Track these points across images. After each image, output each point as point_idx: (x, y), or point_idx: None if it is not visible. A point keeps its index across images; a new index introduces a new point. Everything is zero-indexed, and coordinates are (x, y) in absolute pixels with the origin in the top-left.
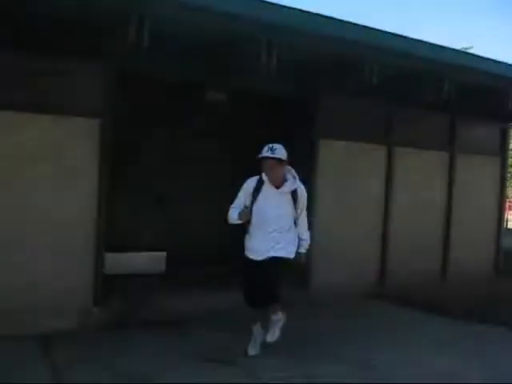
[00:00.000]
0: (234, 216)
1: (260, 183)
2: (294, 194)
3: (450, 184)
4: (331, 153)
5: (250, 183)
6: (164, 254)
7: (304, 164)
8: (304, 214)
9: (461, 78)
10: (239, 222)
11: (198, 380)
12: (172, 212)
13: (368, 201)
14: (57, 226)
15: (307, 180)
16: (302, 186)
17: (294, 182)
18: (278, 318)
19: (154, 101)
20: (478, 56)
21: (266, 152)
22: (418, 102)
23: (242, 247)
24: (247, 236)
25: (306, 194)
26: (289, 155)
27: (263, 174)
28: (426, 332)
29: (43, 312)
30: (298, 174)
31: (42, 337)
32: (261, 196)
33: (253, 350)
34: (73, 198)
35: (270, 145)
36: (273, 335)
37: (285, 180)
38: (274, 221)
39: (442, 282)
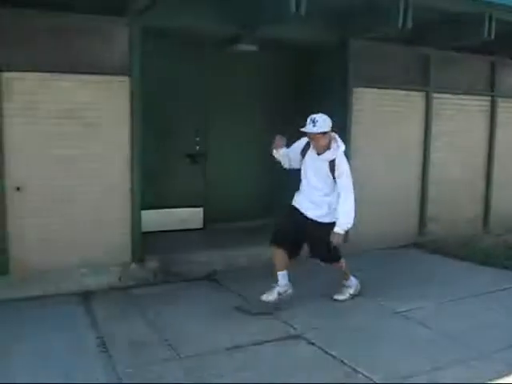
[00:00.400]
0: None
1: (307, 146)
2: (331, 163)
3: (492, 130)
4: (367, 100)
5: (301, 143)
6: (201, 209)
7: (339, 112)
8: (346, 185)
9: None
10: (275, 152)
11: (238, 333)
12: (209, 167)
13: (406, 149)
14: (94, 184)
15: (343, 128)
16: (344, 157)
17: (334, 152)
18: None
19: (184, 56)
20: None
21: (308, 125)
22: (455, 45)
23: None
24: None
25: (346, 166)
26: (325, 104)
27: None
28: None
29: (84, 269)
30: (334, 122)
31: (84, 293)
32: (306, 158)
33: (267, 296)
34: (107, 154)
35: (313, 117)
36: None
37: (328, 148)
38: (312, 184)
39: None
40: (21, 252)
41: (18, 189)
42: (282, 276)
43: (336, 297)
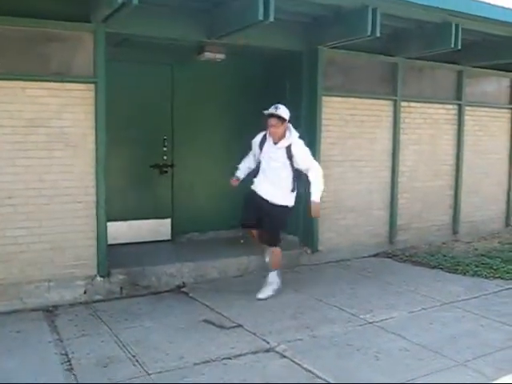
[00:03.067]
0: (240, 165)
1: (264, 138)
2: (288, 149)
3: (459, 138)
4: (336, 108)
5: (258, 138)
6: (168, 220)
7: (308, 120)
8: (310, 164)
9: (470, 27)
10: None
11: (207, 347)
12: (177, 177)
13: (375, 157)
14: (56, 196)
15: (312, 136)
16: (299, 142)
17: (288, 139)
18: (272, 274)
19: (149, 63)
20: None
21: (271, 109)
22: (423, 54)
23: None
24: (257, 176)
25: (303, 148)
26: (295, 111)
27: (266, 132)
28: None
29: (49, 283)
30: (298, 128)
31: (48, 308)
32: (264, 149)
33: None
34: (71, 165)
35: (276, 104)
36: (264, 293)
37: (283, 137)
38: (270, 171)
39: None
40: None
41: None
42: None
43: (259, 296)
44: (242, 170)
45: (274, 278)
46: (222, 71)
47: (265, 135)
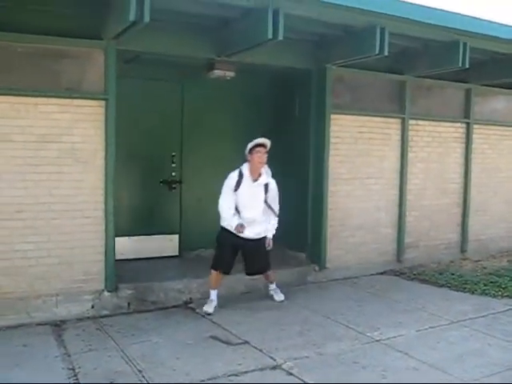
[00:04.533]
0: (227, 215)
1: (240, 177)
2: (266, 186)
3: (467, 156)
4: (344, 126)
5: (233, 179)
6: (176, 236)
7: (317, 137)
8: (275, 202)
9: (478, 46)
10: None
11: (212, 361)
12: (186, 193)
13: (383, 175)
14: (65, 211)
15: (320, 154)
16: (273, 181)
17: (267, 177)
18: (273, 286)
19: (159, 80)
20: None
21: (259, 139)
22: (431, 72)
23: None
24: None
25: (276, 187)
26: (304, 129)
27: (243, 168)
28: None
29: (57, 297)
30: (307, 146)
31: (56, 323)
32: (240, 188)
33: (208, 308)
34: (81, 180)
35: (259, 138)
36: (279, 295)
37: (260, 174)
38: (252, 209)
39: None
40: None
41: None
42: (215, 293)
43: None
44: (236, 217)
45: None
46: (231, 89)
47: (240, 174)
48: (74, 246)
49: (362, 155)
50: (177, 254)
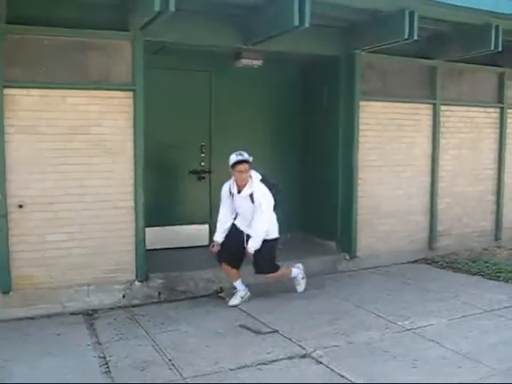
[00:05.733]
0: (218, 227)
1: (230, 190)
2: (251, 196)
3: (501, 142)
4: (373, 113)
5: (225, 191)
6: (206, 226)
7: (346, 125)
8: (263, 212)
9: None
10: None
11: (242, 352)
12: (215, 183)
13: (414, 162)
14: (96, 202)
15: (350, 141)
16: (260, 187)
17: (250, 186)
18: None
19: (187, 70)
20: None
21: (237, 157)
22: (463, 56)
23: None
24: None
25: (263, 195)
26: (332, 116)
27: (230, 183)
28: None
29: (88, 287)
30: (336, 133)
31: (88, 312)
32: (234, 198)
33: (233, 301)
34: (110, 171)
35: (237, 152)
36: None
37: (246, 184)
38: (244, 216)
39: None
40: (24, 270)
41: (21, 206)
42: (239, 283)
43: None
44: (220, 233)
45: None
46: (259, 77)
47: (229, 188)
48: (105, 236)
49: (392, 142)
50: (207, 243)
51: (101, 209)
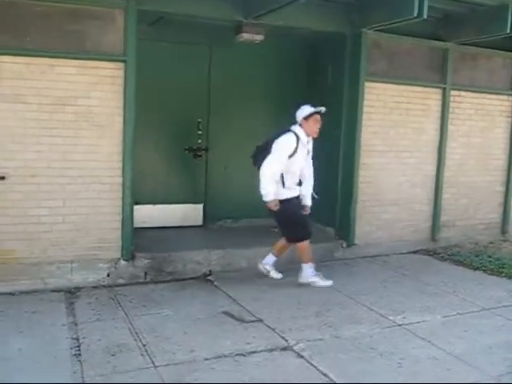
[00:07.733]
0: (269, 183)
1: (297, 142)
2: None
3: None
4: (379, 95)
5: (291, 144)
6: (201, 206)
7: (350, 106)
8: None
9: None
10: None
11: (221, 339)
12: (212, 162)
13: (419, 149)
14: (81, 176)
15: (353, 124)
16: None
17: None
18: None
19: (185, 43)
20: None
21: (320, 108)
22: (476, 39)
23: None
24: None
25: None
26: (336, 97)
27: (296, 131)
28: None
29: (71, 264)
30: (339, 115)
31: (70, 290)
32: (296, 156)
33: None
34: (97, 145)
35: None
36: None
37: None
38: (304, 174)
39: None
40: (5, 244)
41: (3, 178)
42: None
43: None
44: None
45: (306, 272)
46: (260, 53)
47: (297, 137)
48: (90, 212)
49: (397, 126)
50: (201, 223)
51: (86, 184)
